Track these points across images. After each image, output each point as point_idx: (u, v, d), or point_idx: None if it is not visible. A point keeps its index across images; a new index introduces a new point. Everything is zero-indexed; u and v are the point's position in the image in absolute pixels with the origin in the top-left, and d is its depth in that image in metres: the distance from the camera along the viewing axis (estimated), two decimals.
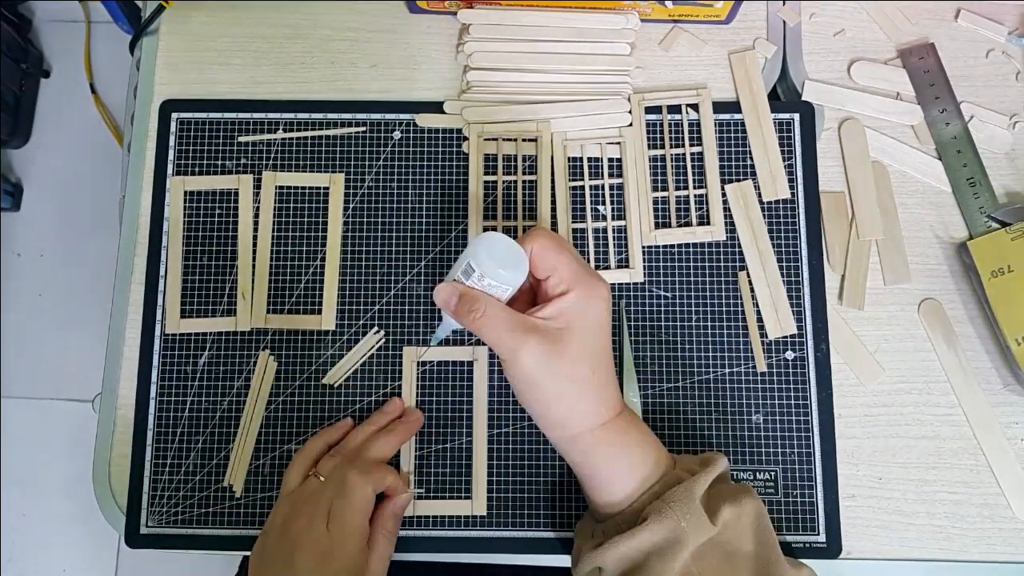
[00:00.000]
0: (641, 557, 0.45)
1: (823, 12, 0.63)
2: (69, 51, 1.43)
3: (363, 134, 0.61)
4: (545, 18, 0.60)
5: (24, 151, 1.41)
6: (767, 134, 0.60)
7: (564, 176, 0.60)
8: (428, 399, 0.57)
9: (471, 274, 0.46)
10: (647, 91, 0.61)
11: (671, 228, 0.59)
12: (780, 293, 0.57)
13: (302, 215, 0.60)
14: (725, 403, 0.56)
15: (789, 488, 0.55)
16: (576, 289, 0.46)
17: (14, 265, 1.37)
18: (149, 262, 0.59)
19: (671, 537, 0.44)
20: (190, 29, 0.64)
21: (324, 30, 0.63)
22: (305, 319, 0.58)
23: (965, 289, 0.58)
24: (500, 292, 0.46)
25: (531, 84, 0.60)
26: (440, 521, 0.55)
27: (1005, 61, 0.62)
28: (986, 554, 0.55)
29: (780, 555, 0.47)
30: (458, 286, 0.47)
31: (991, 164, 0.60)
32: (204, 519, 0.56)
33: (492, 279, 0.45)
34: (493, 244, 0.46)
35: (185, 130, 0.61)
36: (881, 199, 0.59)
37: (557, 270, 0.47)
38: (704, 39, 0.62)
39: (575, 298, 0.46)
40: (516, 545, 0.55)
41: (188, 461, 0.56)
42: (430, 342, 0.55)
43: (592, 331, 0.47)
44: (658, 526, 0.44)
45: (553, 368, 0.45)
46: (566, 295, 0.46)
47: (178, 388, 0.57)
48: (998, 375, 0.57)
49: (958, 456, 0.56)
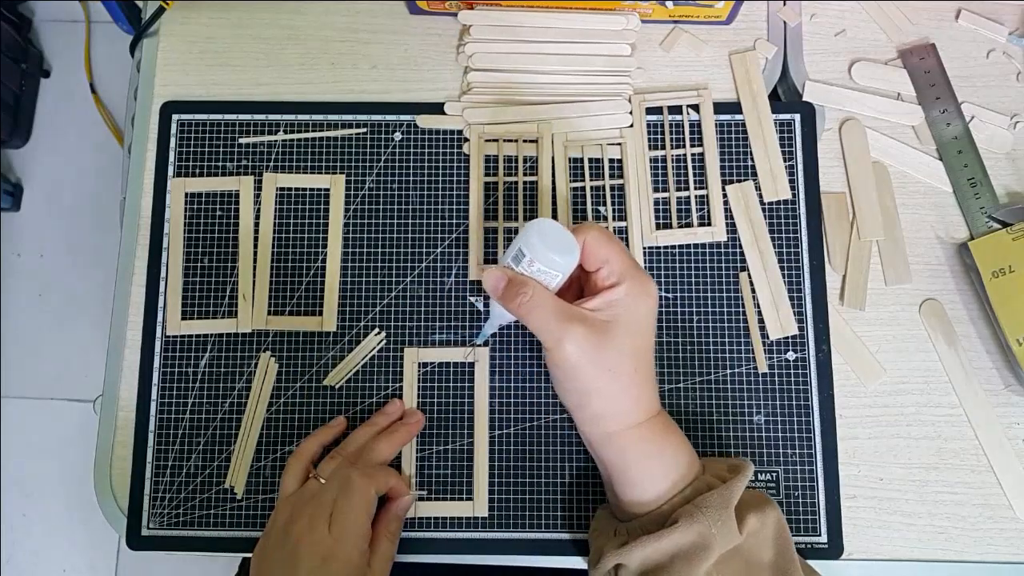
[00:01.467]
0: (666, 559, 0.44)
1: (824, 12, 0.63)
2: (69, 51, 1.43)
3: (364, 135, 0.61)
4: (546, 19, 0.60)
5: (24, 151, 1.41)
6: (768, 135, 0.60)
7: (565, 177, 0.60)
8: (429, 400, 0.57)
9: (521, 259, 0.46)
10: (648, 92, 0.61)
11: (672, 229, 0.59)
12: (781, 294, 0.57)
13: (303, 216, 0.60)
14: (726, 404, 0.56)
15: (790, 489, 0.55)
16: (626, 283, 0.46)
17: (14, 265, 1.37)
18: (150, 263, 0.59)
19: (700, 542, 0.44)
20: (191, 30, 0.64)
21: (325, 31, 0.63)
22: (306, 320, 0.58)
23: (966, 289, 0.58)
24: (549, 279, 0.46)
25: (532, 85, 0.60)
26: (442, 523, 0.55)
27: (1006, 61, 0.62)
28: (987, 554, 0.55)
29: (797, 563, 0.47)
30: (507, 271, 0.46)
31: (992, 164, 0.60)
32: (205, 521, 0.56)
33: (543, 264, 0.45)
34: (545, 229, 0.46)
35: (186, 132, 0.61)
36: (882, 199, 0.59)
37: (609, 262, 0.47)
38: (704, 40, 0.62)
39: (625, 292, 0.46)
40: (518, 546, 0.55)
41: (189, 463, 0.56)
42: (476, 340, 0.55)
43: (638, 328, 0.47)
44: (688, 530, 0.44)
45: (596, 360, 0.45)
46: (616, 288, 0.46)
47: (179, 390, 0.57)
48: (999, 375, 0.57)
49: (959, 456, 0.56)
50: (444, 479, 0.56)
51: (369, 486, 0.50)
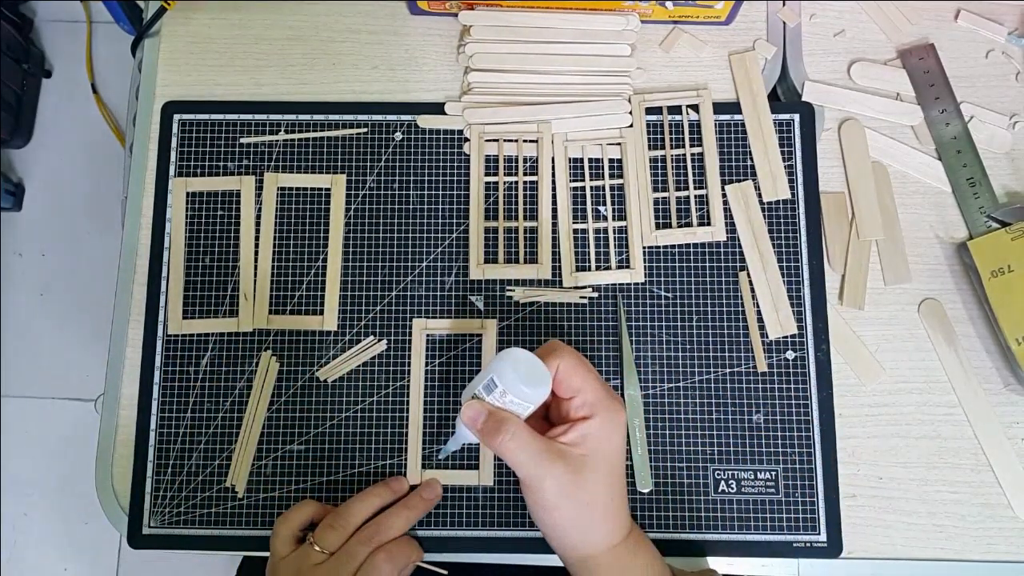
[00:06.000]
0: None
1: (823, 13, 0.64)
2: (70, 51, 1.43)
3: (364, 135, 0.61)
4: (546, 20, 0.60)
5: (26, 151, 1.41)
6: (767, 135, 0.60)
7: (565, 177, 0.60)
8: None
9: (493, 389, 0.45)
10: (648, 92, 0.61)
11: (672, 228, 0.59)
12: (781, 293, 0.58)
13: (304, 216, 0.60)
14: (726, 403, 0.56)
15: (790, 488, 0.55)
16: (600, 415, 0.46)
17: (15, 265, 1.38)
18: (151, 263, 0.59)
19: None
20: (192, 31, 0.64)
21: (325, 32, 0.63)
22: (307, 320, 0.58)
23: (965, 289, 0.58)
24: (521, 410, 0.46)
25: (532, 85, 0.61)
26: (443, 523, 0.55)
27: (1005, 61, 0.62)
28: (987, 554, 0.55)
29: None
30: (486, 405, 0.46)
31: (991, 164, 0.60)
32: (206, 519, 0.56)
33: (515, 396, 0.45)
34: (519, 360, 0.45)
35: (187, 131, 0.61)
36: (881, 199, 0.59)
37: (582, 392, 0.46)
38: (704, 40, 0.63)
39: (599, 425, 0.46)
40: (520, 545, 0.55)
41: (190, 462, 0.57)
42: (438, 455, 0.56)
43: (612, 458, 0.47)
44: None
45: (575, 496, 0.45)
46: (590, 420, 0.46)
47: (180, 389, 0.57)
48: (998, 375, 0.57)
49: (959, 456, 0.56)
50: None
51: (394, 572, 0.50)
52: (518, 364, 0.45)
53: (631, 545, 0.48)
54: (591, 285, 0.58)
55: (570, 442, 0.46)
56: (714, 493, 0.55)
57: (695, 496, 0.55)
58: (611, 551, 0.47)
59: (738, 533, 0.55)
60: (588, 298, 0.58)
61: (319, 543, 0.50)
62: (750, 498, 0.55)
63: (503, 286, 0.58)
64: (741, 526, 0.55)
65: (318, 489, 0.56)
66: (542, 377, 0.45)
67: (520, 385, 0.44)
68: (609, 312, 0.58)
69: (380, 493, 0.54)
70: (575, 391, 0.46)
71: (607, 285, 0.58)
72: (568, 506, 0.45)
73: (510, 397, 0.45)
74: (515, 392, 0.45)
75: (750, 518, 0.55)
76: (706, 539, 0.55)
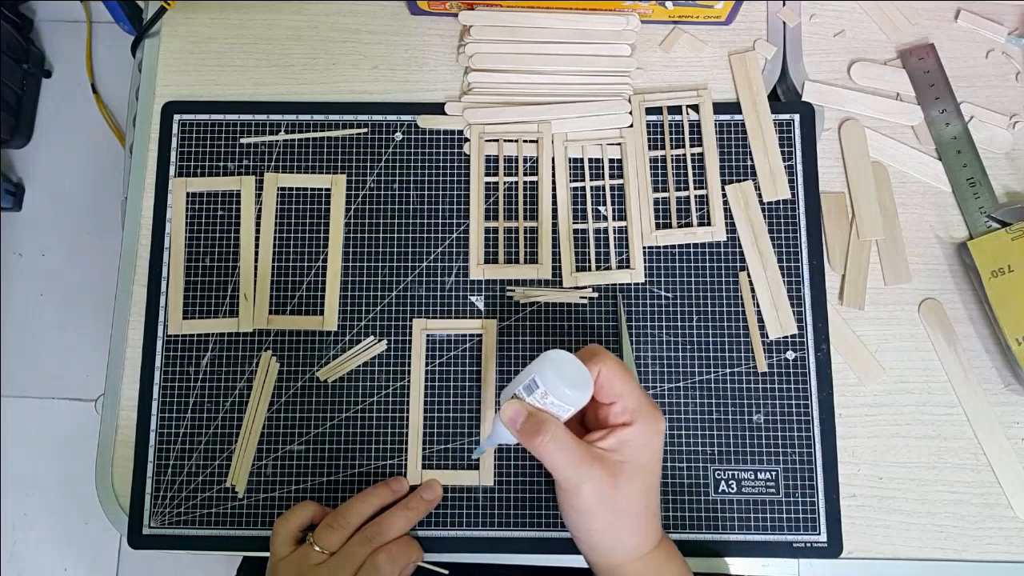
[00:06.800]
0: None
1: (823, 13, 0.64)
2: (71, 51, 1.43)
3: (365, 135, 0.61)
4: (546, 20, 0.60)
5: (26, 151, 1.41)
6: (767, 135, 0.60)
7: (565, 177, 0.60)
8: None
9: (534, 390, 0.45)
10: (648, 92, 0.61)
11: (672, 229, 0.59)
12: (781, 293, 0.58)
13: (304, 216, 0.60)
14: (726, 403, 0.56)
15: (790, 488, 0.55)
16: (639, 422, 0.46)
17: (15, 265, 1.37)
18: (151, 263, 0.59)
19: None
20: (192, 31, 0.64)
21: (326, 32, 0.63)
22: (307, 320, 0.58)
23: (965, 289, 0.58)
24: (562, 412, 0.45)
25: (532, 85, 0.61)
26: (444, 523, 0.55)
27: (1005, 61, 0.62)
28: (987, 554, 0.55)
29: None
30: (526, 405, 0.45)
31: (991, 164, 0.60)
32: (206, 519, 0.56)
33: (556, 398, 0.44)
34: (562, 363, 0.44)
35: (187, 132, 0.61)
36: (881, 199, 0.59)
37: (623, 398, 0.46)
38: (704, 40, 0.63)
39: (639, 432, 0.46)
40: (521, 545, 0.55)
41: (190, 462, 0.57)
42: (471, 455, 0.56)
43: (650, 465, 0.47)
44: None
45: (611, 502, 0.45)
46: (629, 427, 0.46)
47: (180, 389, 0.57)
48: (998, 375, 0.57)
49: (959, 456, 0.56)
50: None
51: (395, 572, 0.50)
52: (561, 367, 0.44)
53: (662, 556, 0.48)
54: (591, 285, 0.58)
55: (609, 448, 0.45)
56: (714, 493, 0.55)
57: (695, 496, 0.55)
58: (642, 560, 0.47)
59: (738, 533, 0.55)
60: (588, 298, 0.58)
61: (319, 543, 0.50)
62: (750, 498, 0.55)
63: (503, 286, 0.58)
64: (741, 526, 0.55)
65: (318, 489, 0.56)
66: (584, 381, 0.45)
67: (563, 388, 0.44)
68: (609, 312, 0.58)
69: (380, 493, 0.54)
70: (616, 396, 0.46)
71: (607, 285, 0.58)
72: (603, 512, 0.45)
73: (551, 399, 0.44)
74: (557, 394, 0.44)
75: (750, 518, 0.55)
76: (706, 539, 0.55)
